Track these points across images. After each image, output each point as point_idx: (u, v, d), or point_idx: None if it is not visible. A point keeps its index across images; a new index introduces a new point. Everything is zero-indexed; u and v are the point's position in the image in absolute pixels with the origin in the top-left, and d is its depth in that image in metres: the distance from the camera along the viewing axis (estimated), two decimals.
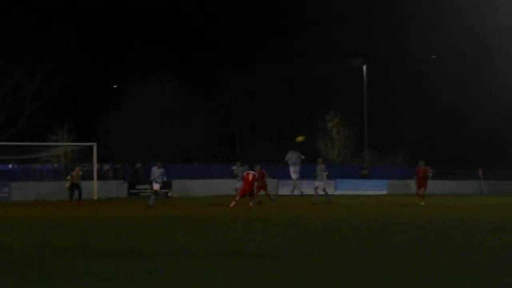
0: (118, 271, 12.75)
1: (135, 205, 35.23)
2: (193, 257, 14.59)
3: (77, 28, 63.52)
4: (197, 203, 37.81)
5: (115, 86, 73.03)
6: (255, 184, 32.15)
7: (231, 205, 30.62)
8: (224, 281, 11.64)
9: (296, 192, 41.85)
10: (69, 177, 39.53)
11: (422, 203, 35.54)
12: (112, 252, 15.57)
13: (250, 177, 31.79)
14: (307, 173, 41.07)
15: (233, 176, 41.12)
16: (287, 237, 19.33)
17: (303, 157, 40.25)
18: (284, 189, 51.85)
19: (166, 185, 48.83)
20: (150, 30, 73.19)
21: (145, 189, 47.26)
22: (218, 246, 16.60)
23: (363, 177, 58.11)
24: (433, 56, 74.71)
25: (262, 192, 36.74)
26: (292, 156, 39.68)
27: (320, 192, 37.61)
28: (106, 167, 50.01)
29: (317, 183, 37.97)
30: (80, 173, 39.78)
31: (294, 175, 41.09)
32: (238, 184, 35.62)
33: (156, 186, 34.59)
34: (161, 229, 22.69)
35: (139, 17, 74.60)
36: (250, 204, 31.69)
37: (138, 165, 49.93)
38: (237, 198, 31.53)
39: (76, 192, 38.98)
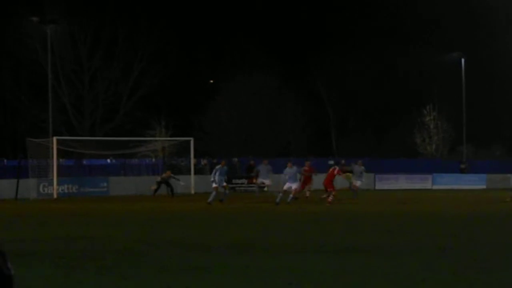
0: (219, 264, 12.77)
1: (233, 200, 35.20)
2: (291, 252, 14.53)
3: (173, 24, 64.27)
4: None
5: (211, 81, 73.61)
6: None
7: (329, 199, 30.79)
8: (316, 276, 11.53)
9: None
10: (159, 178, 40.49)
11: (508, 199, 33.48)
12: (208, 246, 15.63)
13: (335, 171, 32.45)
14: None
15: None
16: (386, 232, 19.07)
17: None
18: (381, 184, 51.35)
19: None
20: (246, 26, 73.48)
21: (242, 183, 47.42)
22: (320, 242, 16.50)
23: (462, 171, 56.99)
24: None
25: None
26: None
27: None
28: (203, 161, 50.44)
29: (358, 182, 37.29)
30: (171, 175, 40.69)
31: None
32: (288, 185, 34.37)
33: (267, 181, 35.56)
34: (260, 223, 22.70)
35: (235, 12, 74.94)
36: (329, 199, 31.67)
37: (235, 159, 50.15)
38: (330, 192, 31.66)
39: (167, 189, 39.91)
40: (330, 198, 31.62)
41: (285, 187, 33.35)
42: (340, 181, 37.60)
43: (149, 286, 10.91)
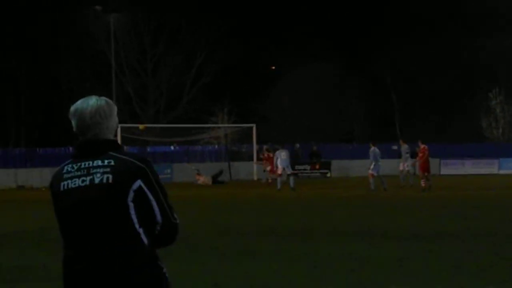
0: (279, 250, 12.73)
1: (299, 186, 35.08)
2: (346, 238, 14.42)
3: (235, 10, 64.28)
4: (358, 184, 37.35)
5: (273, 68, 73.53)
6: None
7: (423, 185, 30.24)
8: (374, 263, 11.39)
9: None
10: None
11: None
12: (271, 232, 15.60)
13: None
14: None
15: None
16: (459, 218, 18.81)
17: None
18: (446, 169, 50.71)
19: (324, 165, 48.80)
20: (308, 12, 73.09)
21: (304, 169, 47.31)
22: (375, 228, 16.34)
23: None
24: None
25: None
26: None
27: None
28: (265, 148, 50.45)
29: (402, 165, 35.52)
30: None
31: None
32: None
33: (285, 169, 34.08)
34: (323, 209, 22.62)
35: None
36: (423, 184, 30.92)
37: (297, 145, 50.03)
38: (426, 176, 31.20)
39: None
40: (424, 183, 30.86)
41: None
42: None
43: (212, 271, 10.90)
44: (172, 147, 44.99)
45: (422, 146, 32.26)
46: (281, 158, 33.95)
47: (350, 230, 15.97)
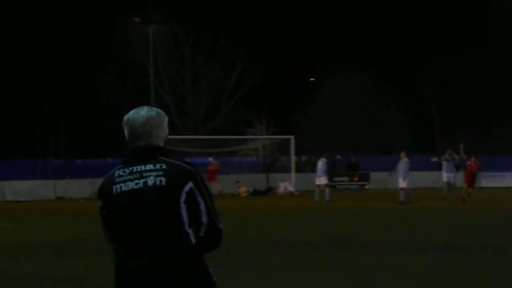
0: (321, 261, 12.66)
1: (336, 197, 34.85)
2: (388, 251, 14.30)
3: (275, 22, 64.39)
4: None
5: (312, 79, 73.48)
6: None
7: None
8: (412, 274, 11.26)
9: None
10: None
11: None
12: (310, 243, 15.53)
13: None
14: None
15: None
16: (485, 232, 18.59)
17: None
18: (487, 181, 50.19)
19: (363, 177, 48.58)
20: (347, 24, 72.96)
21: (343, 181, 47.17)
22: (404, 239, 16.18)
23: None
24: None
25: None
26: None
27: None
28: (303, 159, 50.43)
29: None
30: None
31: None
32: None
33: (320, 180, 34.10)
34: (360, 221, 22.50)
35: (336, 11, 74.56)
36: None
37: (338, 157, 49.89)
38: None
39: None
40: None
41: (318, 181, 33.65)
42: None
43: (250, 283, 10.85)
44: (210, 159, 45.09)
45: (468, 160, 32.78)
46: (318, 167, 33.99)
47: (388, 241, 15.85)
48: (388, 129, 69.72)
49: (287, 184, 42.51)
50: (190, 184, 4.33)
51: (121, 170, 4.46)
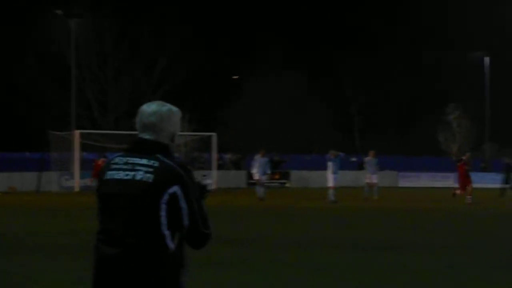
0: (243, 259, 12.80)
1: (254, 195, 35.11)
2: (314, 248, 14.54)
3: (199, 19, 64.34)
4: (317, 195, 37.53)
5: (235, 77, 73.65)
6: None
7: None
8: (337, 272, 11.53)
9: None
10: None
11: None
12: (233, 240, 15.68)
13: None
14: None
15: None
16: (396, 228, 19.04)
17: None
18: (404, 181, 51.17)
19: (284, 176, 48.97)
20: (272, 23, 73.41)
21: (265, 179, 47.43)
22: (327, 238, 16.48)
23: (482, 170, 56.63)
24: None
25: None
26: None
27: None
28: (228, 156, 50.57)
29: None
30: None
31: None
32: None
33: (261, 177, 33.04)
34: (278, 220, 22.71)
35: (262, 9, 74.90)
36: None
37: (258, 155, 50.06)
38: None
39: None
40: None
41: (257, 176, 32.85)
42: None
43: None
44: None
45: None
46: (256, 164, 33.50)
47: (302, 238, 16.10)
48: (310, 128, 70.35)
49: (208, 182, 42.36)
50: (175, 187, 4.44)
51: (119, 158, 4.64)
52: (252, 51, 70.01)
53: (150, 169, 4.45)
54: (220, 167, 47.55)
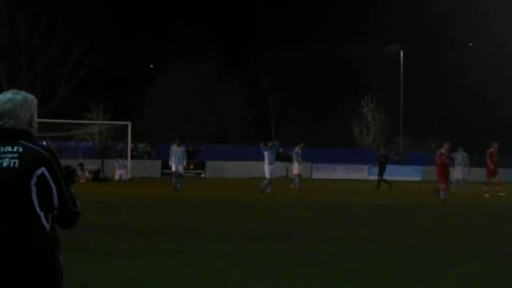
0: (150, 249, 12.76)
1: (169, 185, 34.97)
2: (218, 239, 14.59)
3: (115, 7, 63.64)
4: (230, 184, 37.62)
5: (151, 66, 73.22)
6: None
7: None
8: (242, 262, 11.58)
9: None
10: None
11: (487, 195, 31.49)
12: (142, 232, 15.60)
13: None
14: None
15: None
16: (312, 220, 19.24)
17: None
18: (318, 173, 51.71)
19: (199, 166, 48.94)
20: (189, 12, 73.20)
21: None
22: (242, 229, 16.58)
23: (396, 162, 57.63)
24: (471, 44, 74.14)
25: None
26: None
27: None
28: (141, 146, 50.26)
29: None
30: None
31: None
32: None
33: (178, 167, 32.46)
34: (190, 210, 22.70)
35: None
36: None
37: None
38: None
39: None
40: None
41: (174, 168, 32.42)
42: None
43: (89, 270, 10.83)
44: (44, 142, 43.95)
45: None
46: (176, 154, 32.89)
47: (212, 229, 16.15)
48: (226, 118, 70.46)
49: (122, 171, 42.18)
50: (42, 169, 4.55)
51: None
52: (169, 40, 69.70)
53: (15, 155, 4.56)
54: (134, 156, 47.22)
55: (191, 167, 47.98)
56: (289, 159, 41.95)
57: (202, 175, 48.49)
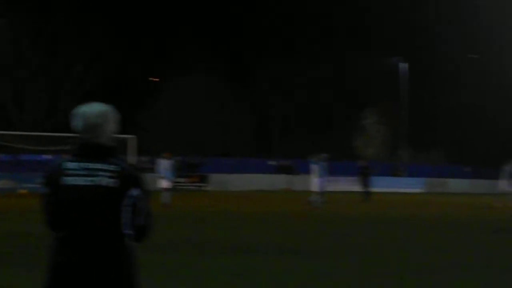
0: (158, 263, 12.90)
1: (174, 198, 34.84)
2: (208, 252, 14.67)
3: (118, 22, 63.80)
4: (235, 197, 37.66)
5: (155, 80, 73.31)
6: None
7: None
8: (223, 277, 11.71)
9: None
10: None
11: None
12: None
13: None
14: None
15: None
16: (312, 233, 19.35)
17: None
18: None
19: (202, 179, 48.99)
20: (191, 24, 73.27)
21: (183, 182, 47.37)
22: (220, 242, 16.68)
23: (395, 175, 57.72)
24: (471, 56, 74.24)
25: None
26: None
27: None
28: (143, 160, 50.37)
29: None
30: None
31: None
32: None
33: (165, 184, 30.70)
34: (187, 224, 22.79)
35: (181, 12, 74.75)
36: None
37: (178, 158, 50.14)
38: None
39: None
40: None
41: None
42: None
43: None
44: (46, 156, 44.02)
45: None
46: (162, 168, 31.55)
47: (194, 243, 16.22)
48: (229, 131, 70.40)
49: None
50: (137, 189, 4.56)
51: (72, 164, 4.65)
52: (172, 54, 69.78)
53: (111, 174, 4.52)
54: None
55: (195, 180, 48.05)
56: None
57: (206, 188, 48.48)
